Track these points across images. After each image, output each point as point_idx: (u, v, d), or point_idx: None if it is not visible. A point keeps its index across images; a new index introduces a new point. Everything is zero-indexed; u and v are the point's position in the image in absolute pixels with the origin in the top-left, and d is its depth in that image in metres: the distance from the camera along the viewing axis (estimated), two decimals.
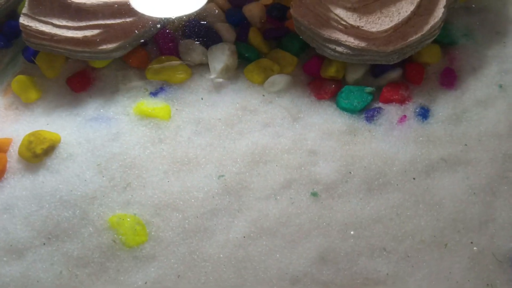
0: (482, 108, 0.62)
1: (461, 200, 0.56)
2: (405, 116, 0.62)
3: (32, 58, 0.67)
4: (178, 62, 0.67)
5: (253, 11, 0.71)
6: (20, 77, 0.66)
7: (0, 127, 0.63)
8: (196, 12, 0.71)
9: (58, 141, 0.60)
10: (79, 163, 0.59)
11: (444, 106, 0.62)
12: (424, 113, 0.62)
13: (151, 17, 0.67)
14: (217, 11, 0.71)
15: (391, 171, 0.58)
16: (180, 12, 0.70)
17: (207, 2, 0.72)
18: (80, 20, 0.65)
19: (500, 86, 0.63)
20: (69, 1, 0.65)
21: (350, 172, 0.59)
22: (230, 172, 0.59)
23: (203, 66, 0.67)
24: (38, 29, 0.65)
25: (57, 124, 0.63)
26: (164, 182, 0.59)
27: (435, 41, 0.65)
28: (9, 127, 0.63)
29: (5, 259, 0.54)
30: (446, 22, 0.65)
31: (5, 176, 0.59)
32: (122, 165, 0.59)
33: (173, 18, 0.70)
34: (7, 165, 0.59)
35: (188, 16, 0.71)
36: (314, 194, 0.58)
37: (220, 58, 0.67)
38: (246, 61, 0.67)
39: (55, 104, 0.65)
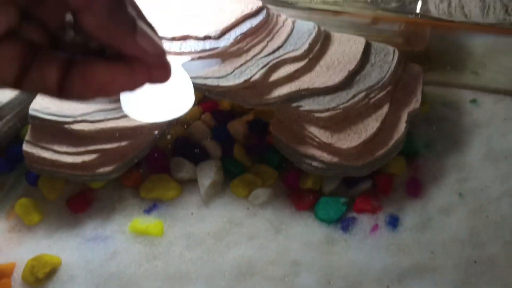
0: (445, 215, 0.68)
1: None
2: (377, 225, 0.68)
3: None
4: (169, 179, 0.73)
5: (236, 127, 0.78)
6: (23, 200, 0.71)
7: (4, 251, 0.67)
8: (183, 128, 0.79)
9: (59, 264, 0.65)
10: (79, 285, 0.64)
11: (411, 214, 0.69)
12: (393, 222, 0.68)
13: (144, 139, 0.73)
14: (204, 128, 0.78)
15: (367, 280, 0.64)
16: (166, 117, 0.76)
17: (195, 120, 0.80)
18: (79, 145, 0.72)
19: (460, 194, 0.70)
20: (69, 128, 0.72)
21: (329, 282, 0.64)
22: (219, 286, 0.64)
23: (192, 182, 0.74)
24: (40, 156, 0.71)
25: (58, 245, 0.68)
26: None
27: (400, 153, 0.72)
28: (13, 250, 0.68)
29: None
30: (408, 134, 0.73)
31: None
32: (119, 284, 0.64)
33: (164, 137, 0.77)
34: None
35: (178, 133, 0.78)
36: None
37: (208, 174, 0.73)
38: (232, 175, 0.74)
39: (56, 226, 0.70)
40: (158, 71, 0.29)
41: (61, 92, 0.27)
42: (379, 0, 0.97)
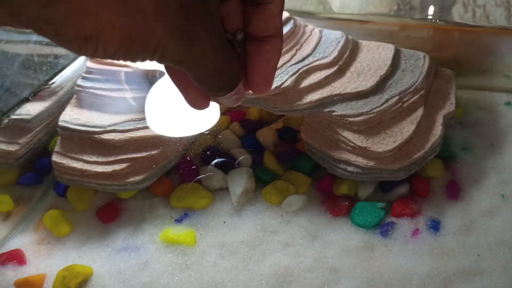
0: (489, 217, 0.65)
1: None
2: (417, 229, 0.66)
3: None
4: (200, 188, 0.72)
5: (266, 135, 0.77)
6: (52, 212, 0.70)
7: (34, 263, 0.66)
8: (213, 138, 0.78)
9: (91, 274, 0.63)
10: None
11: (453, 217, 0.66)
12: (435, 226, 0.66)
13: (174, 148, 0.72)
14: (233, 137, 0.77)
15: (411, 285, 0.61)
16: (191, 131, 0.76)
17: (224, 130, 0.79)
18: (109, 155, 0.71)
19: (502, 195, 0.67)
20: (99, 138, 0.71)
21: None
22: None
23: (223, 190, 0.72)
24: (70, 166, 0.70)
25: (88, 256, 0.66)
26: None
27: (437, 156, 0.70)
28: (42, 262, 0.66)
29: None
30: (445, 137, 0.71)
31: None
32: None
33: (193, 146, 0.76)
34: None
35: (207, 143, 0.77)
36: None
37: (239, 182, 0.71)
38: (263, 183, 0.72)
39: (86, 237, 0.68)
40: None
41: None
42: (403, 12, 0.97)
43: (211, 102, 0.39)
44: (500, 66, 0.82)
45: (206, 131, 0.78)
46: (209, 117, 0.77)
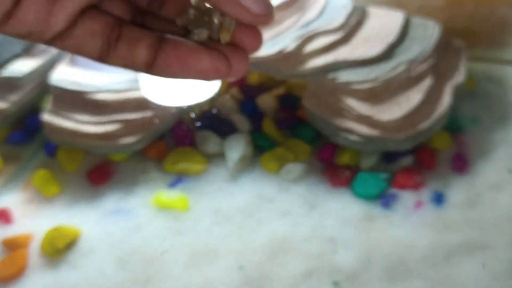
0: (495, 192, 0.63)
1: (483, 285, 0.56)
2: (420, 201, 0.63)
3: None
4: (195, 153, 0.69)
5: (266, 101, 0.74)
6: (41, 171, 0.67)
7: (21, 222, 0.63)
8: (211, 102, 0.75)
9: (79, 235, 0.61)
10: (100, 257, 0.59)
11: (458, 190, 0.64)
12: (438, 198, 0.63)
13: (169, 110, 0.70)
14: (232, 103, 0.74)
15: (411, 258, 0.58)
16: (194, 100, 0.72)
17: (222, 94, 0.76)
18: (102, 115, 0.68)
19: (510, 170, 0.64)
20: (91, 97, 0.68)
21: (370, 260, 0.59)
22: (251, 262, 0.59)
23: (220, 156, 0.69)
24: (60, 125, 0.67)
25: (77, 217, 0.63)
26: (185, 274, 0.59)
27: (444, 127, 0.67)
28: (30, 222, 0.63)
29: None
30: (453, 109, 0.68)
31: (26, 272, 0.59)
32: (142, 259, 0.60)
33: (190, 110, 0.73)
34: (29, 261, 0.59)
35: (204, 107, 0.74)
36: (336, 284, 0.58)
37: (237, 148, 0.69)
38: (262, 150, 0.69)
39: (76, 198, 0.66)
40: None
41: (151, 69, 0.26)
42: None
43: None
44: None
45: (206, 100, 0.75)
46: (209, 85, 0.74)
